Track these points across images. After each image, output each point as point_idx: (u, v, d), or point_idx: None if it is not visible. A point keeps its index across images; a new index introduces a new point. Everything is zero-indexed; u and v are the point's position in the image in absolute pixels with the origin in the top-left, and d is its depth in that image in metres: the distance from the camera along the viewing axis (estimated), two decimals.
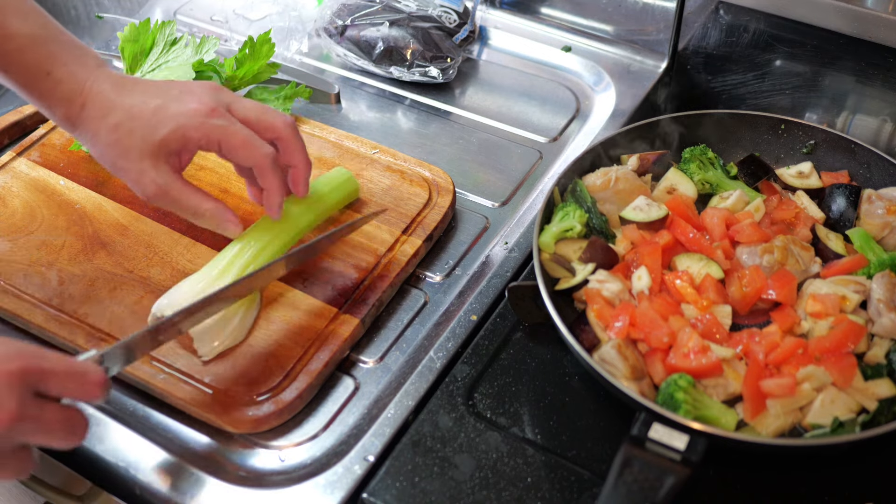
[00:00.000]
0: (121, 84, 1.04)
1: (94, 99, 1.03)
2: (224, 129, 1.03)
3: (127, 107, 1.02)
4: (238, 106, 1.06)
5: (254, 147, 1.04)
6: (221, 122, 1.03)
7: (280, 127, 1.06)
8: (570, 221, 1.14)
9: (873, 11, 1.48)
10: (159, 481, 1.00)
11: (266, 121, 1.06)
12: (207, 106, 1.03)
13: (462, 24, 1.53)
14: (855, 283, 1.06)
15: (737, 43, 1.56)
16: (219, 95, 1.05)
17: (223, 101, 1.05)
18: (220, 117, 1.03)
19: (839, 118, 1.44)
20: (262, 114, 1.06)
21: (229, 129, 1.03)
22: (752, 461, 0.99)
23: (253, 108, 1.06)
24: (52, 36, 1.04)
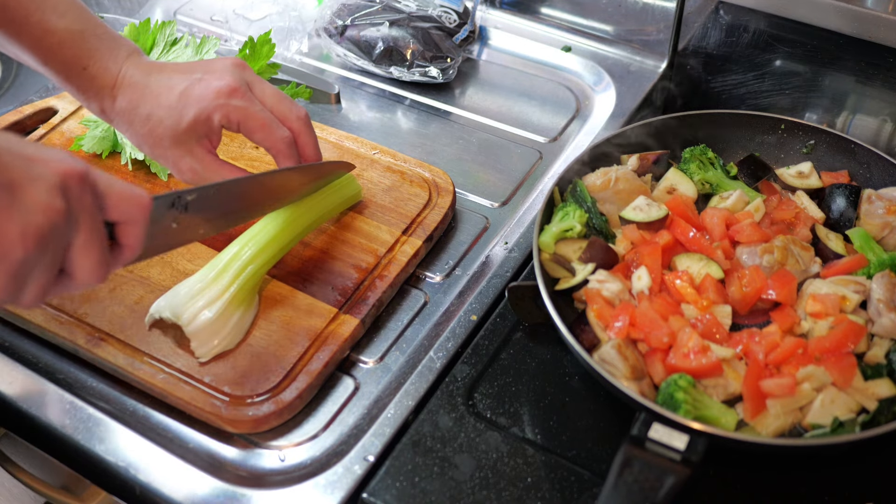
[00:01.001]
0: (148, 71, 1.06)
1: (125, 91, 1.06)
2: (244, 111, 1.05)
3: (155, 95, 1.05)
4: (258, 88, 1.08)
5: (271, 130, 1.06)
6: (241, 103, 1.05)
7: (293, 119, 1.09)
8: (570, 221, 1.14)
9: (873, 11, 1.48)
10: (159, 481, 1.00)
11: (281, 111, 1.08)
12: (229, 85, 1.05)
13: (462, 24, 1.53)
14: (855, 283, 1.06)
15: (737, 43, 1.56)
16: (242, 73, 1.07)
17: (245, 80, 1.07)
18: (241, 97, 1.05)
19: (839, 118, 1.44)
20: (278, 102, 1.09)
21: (248, 110, 1.05)
22: (752, 461, 0.99)
23: (271, 95, 1.09)
24: (90, 30, 1.06)
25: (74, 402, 1.07)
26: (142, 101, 1.05)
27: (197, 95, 1.04)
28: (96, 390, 1.09)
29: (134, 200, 0.83)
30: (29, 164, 0.74)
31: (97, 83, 1.06)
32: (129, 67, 1.06)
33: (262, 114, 1.06)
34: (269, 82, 1.10)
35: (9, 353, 1.13)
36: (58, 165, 0.76)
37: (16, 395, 1.08)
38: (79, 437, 1.04)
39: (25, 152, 0.75)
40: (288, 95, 1.11)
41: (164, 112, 1.04)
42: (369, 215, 1.25)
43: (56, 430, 1.05)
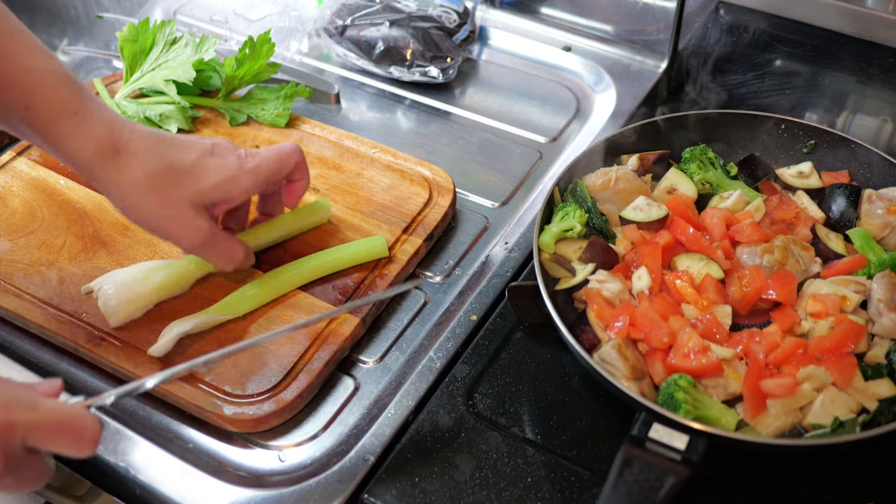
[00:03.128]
0: (150, 133, 1.03)
1: (129, 146, 1.00)
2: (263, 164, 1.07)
3: (164, 156, 1.01)
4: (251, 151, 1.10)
5: (286, 153, 1.10)
6: (257, 162, 1.07)
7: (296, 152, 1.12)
8: (570, 221, 1.14)
9: (873, 11, 1.48)
10: (159, 481, 1.00)
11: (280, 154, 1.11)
12: (242, 156, 1.06)
13: (462, 24, 1.53)
14: (855, 283, 1.06)
15: (737, 43, 1.56)
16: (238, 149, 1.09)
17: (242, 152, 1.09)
18: (253, 159, 1.07)
19: (839, 118, 1.44)
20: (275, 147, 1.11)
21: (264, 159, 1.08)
22: (752, 461, 0.99)
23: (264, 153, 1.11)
24: (73, 75, 1.00)
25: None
26: (148, 160, 1.00)
27: (216, 166, 1.04)
28: (96, 390, 1.09)
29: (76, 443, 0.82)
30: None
31: (92, 130, 0.98)
32: (124, 122, 1.01)
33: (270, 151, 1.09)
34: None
35: (9, 353, 1.13)
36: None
37: None
38: None
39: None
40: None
41: (179, 175, 1.01)
42: (369, 214, 1.25)
43: None
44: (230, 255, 1.09)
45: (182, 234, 1.03)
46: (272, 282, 1.13)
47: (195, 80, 1.39)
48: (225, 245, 1.08)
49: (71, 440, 0.81)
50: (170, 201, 1.01)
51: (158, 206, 1.02)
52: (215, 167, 1.03)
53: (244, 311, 1.12)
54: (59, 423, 0.81)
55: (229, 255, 1.09)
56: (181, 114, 1.37)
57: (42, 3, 1.72)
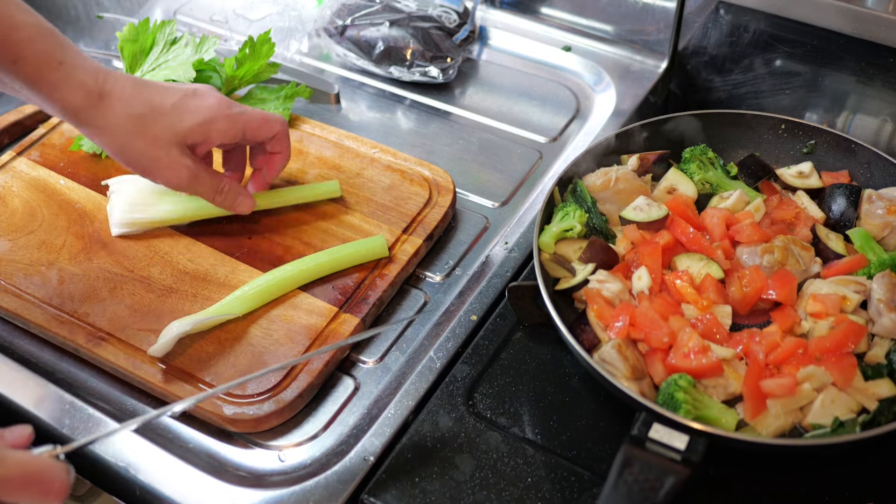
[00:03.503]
0: (133, 78, 1.08)
1: (114, 92, 1.05)
2: (245, 116, 1.12)
3: (146, 99, 1.06)
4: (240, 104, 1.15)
5: (271, 120, 1.15)
6: (240, 111, 1.12)
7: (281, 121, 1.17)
8: (570, 221, 1.14)
9: (873, 11, 1.48)
10: (159, 481, 1.00)
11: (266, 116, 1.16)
12: (224, 102, 1.11)
13: (462, 24, 1.53)
14: (855, 283, 1.06)
15: (737, 43, 1.56)
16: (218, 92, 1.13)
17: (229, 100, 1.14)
18: (238, 107, 1.12)
19: (839, 118, 1.44)
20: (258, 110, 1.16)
21: (248, 114, 1.12)
22: (752, 461, 0.99)
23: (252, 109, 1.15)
24: (56, 30, 1.05)
25: (74, 403, 1.07)
26: (132, 103, 1.05)
27: (195, 107, 1.08)
28: (96, 390, 1.09)
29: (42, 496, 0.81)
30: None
31: (77, 77, 1.03)
32: (107, 71, 1.06)
33: (259, 112, 1.14)
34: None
35: (9, 353, 1.13)
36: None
37: (16, 395, 1.08)
38: (79, 437, 1.04)
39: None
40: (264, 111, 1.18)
41: (161, 115, 1.06)
42: (369, 214, 1.25)
43: (56, 430, 1.05)
44: (219, 189, 1.14)
45: (169, 171, 1.09)
46: (272, 282, 1.13)
47: (195, 80, 1.39)
48: (213, 181, 1.13)
49: (38, 493, 0.81)
50: (154, 141, 1.06)
51: (144, 146, 1.07)
52: (195, 108, 1.08)
53: (244, 311, 1.12)
54: (27, 477, 0.80)
55: (218, 189, 1.14)
56: None
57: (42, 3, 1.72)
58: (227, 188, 1.15)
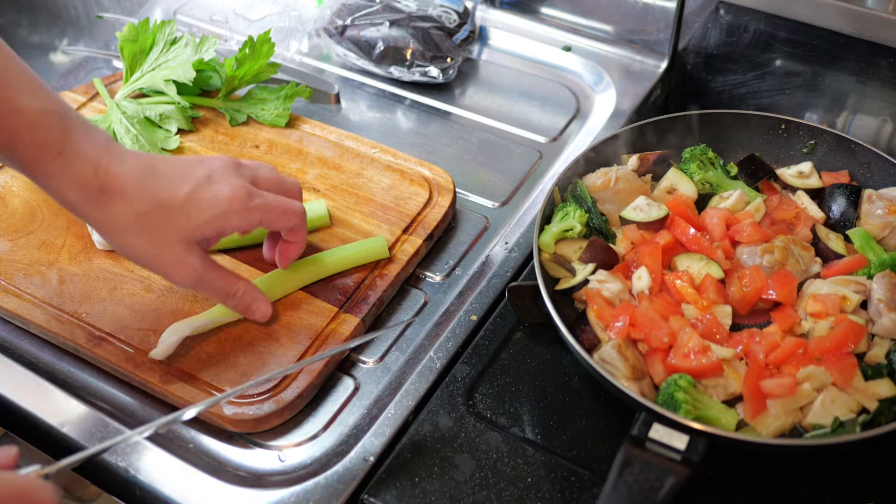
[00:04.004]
0: (140, 166, 0.98)
1: (115, 183, 0.97)
2: (264, 208, 1.03)
3: (152, 193, 0.98)
4: (259, 175, 1.06)
5: (291, 211, 1.06)
6: (259, 202, 1.02)
7: (296, 192, 1.09)
8: (570, 221, 1.14)
9: (873, 11, 1.48)
10: (159, 481, 1.00)
11: (284, 188, 1.08)
12: (243, 190, 1.01)
13: (462, 24, 1.53)
14: (855, 283, 1.06)
15: (737, 43, 1.56)
16: (243, 172, 1.04)
17: (248, 177, 1.04)
18: (256, 197, 1.02)
19: (839, 118, 1.44)
20: (279, 182, 1.07)
21: (267, 204, 1.03)
22: (752, 461, 0.99)
23: (271, 179, 1.07)
24: (63, 111, 0.97)
25: (74, 403, 1.07)
26: (136, 199, 0.97)
27: (209, 200, 0.99)
28: (96, 390, 1.09)
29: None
30: None
31: (75, 169, 0.95)
32: (112, 157, 0.97)
33: (278, 201, 1.04)
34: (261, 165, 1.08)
35: (9, 353, 1.13)
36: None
37: (16, 395, 1.08)
38: (79, 437, 1.04)
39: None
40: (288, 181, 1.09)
41: (169, 212, 0.98)
42: (370, 214, 1.25)
43: (56, 430, 1.05)
44: (231, 293, 1.05)
45: (173, 271, 1.01)
46: (272, 284, 1.13)
47: (195, 80, 1.39)
48: (224, 283, 1.05)
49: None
50: (159, 239, 0.99)
51: (147, 244, 0.99)
52: (208, 202, 0.99)
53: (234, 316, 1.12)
54: (15, 498, 0.79)
55: (230, 293, 1.05)
56: (181, 114, 1.37)
57: (42, 3, 1.72)
58: (240, 293, 1.06)
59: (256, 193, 1.02)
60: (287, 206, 1.05)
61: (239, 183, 1.01)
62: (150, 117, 1.37)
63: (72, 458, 0.88)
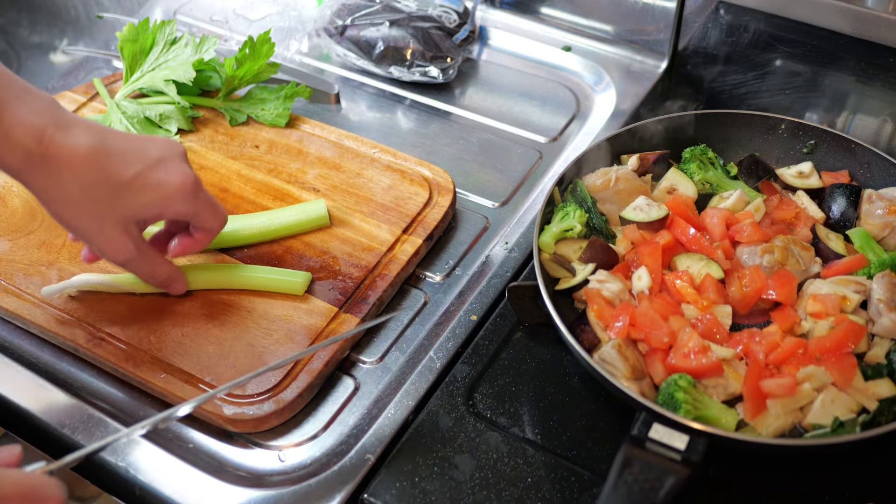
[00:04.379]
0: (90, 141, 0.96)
1: (60, 154, 0.95)
2: (205, 203, 1.05)
3: (102, 169, 0.97)
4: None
5: (221, 214, 1.08)
6: (204, 197, 1.04)
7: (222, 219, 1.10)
8: (570, 221, 1.14)
9: (873, 11, 1.48)
10: (159, 481, 1.00)
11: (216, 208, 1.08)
12: (189, 181, 1.02)
13: (462, 24, 1.53)
14: (855, 283, 1.06)
15: (737, 43, 1.56)
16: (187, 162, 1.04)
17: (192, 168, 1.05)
18: (202, 191, 1.04)
19: (839, 118, 1.44)
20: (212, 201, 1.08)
21: (209, 201, 1.05)
22: (752, 461, 0.99)
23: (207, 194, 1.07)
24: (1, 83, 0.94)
25: (74, 402, 1.07)
26: (84, 170, 0.96)
27: (155, 183, 0.99)
28: (96, 390, 1.09)
29: None
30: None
31: (14, 137, 0.93)
32: (57, 125, 0.95)
33: (212, 202, 1.06)
34: None
35: (9, 353, 1.13)
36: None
37: (16, 395, 1.08)
38: (79, 437, 1.04)
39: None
40: None
41: (114, 189, 0.97)
42: (369, 214, 1.25)
43: (56, 430, 1.05)
44: (153, 275, 1.08)
45: (107, 248, 1.02)
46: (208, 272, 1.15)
47: (195, 80, 1.39)
48: (150, 267, 1.07)
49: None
50: (100, 214, 0.99)
51: (87, 218, 0.99)
52: (154, 185, 0.99)
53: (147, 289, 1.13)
54: (23, 495, 0.80)
55: (152, 275, 1.08)
56: (181, 114, 1.37)
57: (42, 3, 1.72)
58: (162, 276, 1.09)
59: (202, 187, 1.04)
60: (220, 208, 1.08)
61: (188, 171, 1.03)
62: (150, 117, 1.37)
63: (75, 454, 0.89)
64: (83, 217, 0.99)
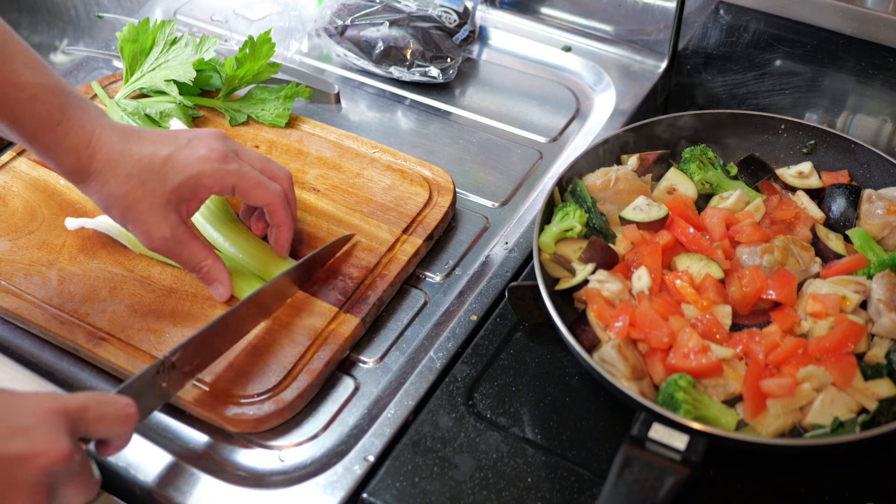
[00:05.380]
0: (127, 134, 1.04)
1: (103, 150, 1.02)
2: (237, 173, 1.06)
3: (136, 157, 1.03)
4: (244, 153, 1.10)
5: (266, 187, 1.08)
6: (234, 167, 1.06)
7: (282, 178, 1.12)
8: (570, 221, 1.14)
9: (873, 11, 1.48)
10: (159, 481, 1.00)
11: (270, 170, 1.11)
12: (218, 151, 1.05)
13: (462, 24, 1.53)
14: (855, 283, 1.06)
15: (737, 43, 1.56)
16: (226, 142, 1.08)
17: (231, 147, 1.08)
18: (232, 161, 1.06)
19: (839, 118, 1.44)
20: (266, 163, 1.11)
21: (242, 171, 1.06)
22: (752, 461, 0.99)
23: (257, 158, 1.11)
24: (61, 86, 1.03)
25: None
26: (121, 162, 1.02)
27: (185, 160, 1.04)
28: (96, 390, 1.09)
29: (120, 422, 0.87)
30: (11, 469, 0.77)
31: (71, 139, 1.02)
32: (104, 128, 1.03)
33: (254, 175, 1.07)
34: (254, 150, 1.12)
35: (9, 353, 1.13)
36: (42, 461, 0.78)
37: None
38: None
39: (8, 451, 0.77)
40: (275, 164, 1.12)
41: (148, 174, 1.02)
42: (369, 214, 1.25)
43: None
44: (195, 262, 1.08)
45: (145, 235, 1.05)
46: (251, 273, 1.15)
47: (195, 80, 1.39)
48: (190, 255, 1.07)
49: (117, 417, 0.86)
50: (136, 203, 1.03)
51: (126, 207, 1.04)
52: (183, 163, 1.03)
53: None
54: (102, 401, 0.85)
55: (194, 262, 1.08)
56: (182, 112, 1.37)
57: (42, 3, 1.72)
58: (206, 269, 1.09)
59: (233, 158, 1.06)
60: (262, 181, 1.08)
61: (217, 145, 1.05)
62: (151, 114, 1.37)
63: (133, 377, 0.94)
64: (126, 208, 1.04)
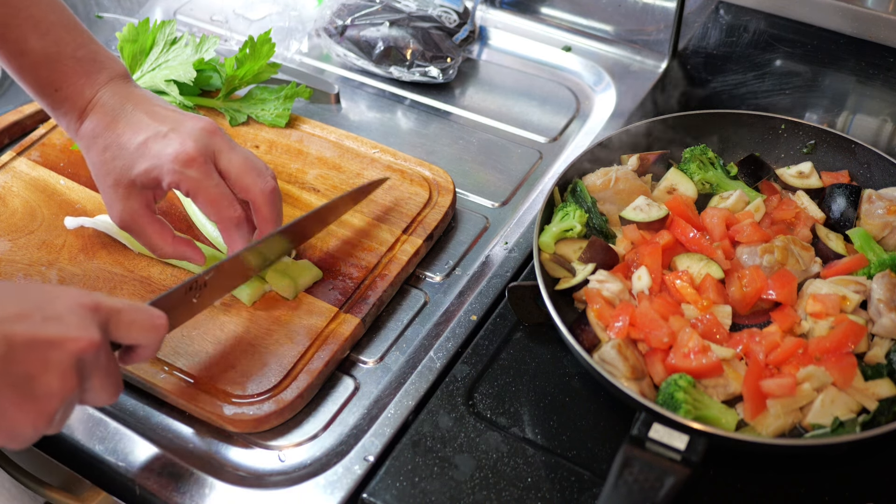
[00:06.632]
0: (122, 101, 1.08)
1: (93, 116, 1.07)
2: (196, 183, 1.03)
3: (118, 133, 1.06)
4: (224, 158, 1.06)
5: (221, 208, 1.05)
6: (195, 175, 1.03)
7: (255, 192, 1.06)
8: (570, 221, 1.14)
9: (873, 11, 1.48)
10: (159, 481, 1.00)
11: (244, 183, 1.06)
12: (188, 154, 1.03)
13: (462, 24, 1.53)
14: (855, 283, 1.06)
15: (737, 43, 1.56)
16: (208, 141, 1.05)
17: (210, 149, 1.05)
18: (197, 169, 1.03)
19: (839, 118, 1.44)
20: (244, 173, 1.06)
21: (201, 183, 1.03)
22: (752, 461, 0.99)
23: (237, 165, 1.06)
24: (68, 53, 1.07)
25: None
26: (105, 132, 1.06)
27: (155, 151, 1.04)
28: None
29: (150, 329, 0.89)
30: (44, 351, 0.78)
31: (69, 104, 1.08)
32: (105, 93, 1.08)
33: (215, 189, 1.04)
34: (243, 149, 1.08)
35: None
36: (73, 346, 0.79)
37: None
38: (79, 437, 1.04)
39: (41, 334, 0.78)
40: (260, 164, 1.08)
41: (121, 153, 1.05)
42: (369, 214, 1.25)
43: None
44: (154, 246, 1.09)
45: (110, 208, 1.08)
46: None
47: (195, 80, 1.39)
48: (149, 236, 1.08)
49: (148, 325, 0.88)
50: (105, 175, 1.06)
51: (96, 176, 1.08)
52: (151, 154, 1.04)
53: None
54: (135, 309, 0.88)
55: (152, 246, 1.09)
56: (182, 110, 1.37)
57: None
58: (167, 251, 1.09)
59: (200, 165, 1.03)
60: (216, 199, 1.04)
61: (191, 145, 1.03)
62: None
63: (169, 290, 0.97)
64: (97, 177, 1.08)
